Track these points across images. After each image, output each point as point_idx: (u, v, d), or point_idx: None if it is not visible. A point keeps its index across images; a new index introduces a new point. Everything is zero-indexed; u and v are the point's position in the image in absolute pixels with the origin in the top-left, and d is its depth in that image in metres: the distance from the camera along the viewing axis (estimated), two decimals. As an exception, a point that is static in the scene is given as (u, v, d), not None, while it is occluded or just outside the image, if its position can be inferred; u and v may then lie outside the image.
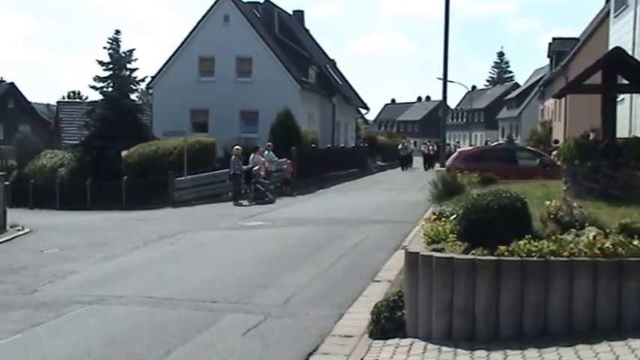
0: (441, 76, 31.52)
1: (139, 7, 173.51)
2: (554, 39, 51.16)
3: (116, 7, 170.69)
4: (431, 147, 52.45)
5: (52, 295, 11.18)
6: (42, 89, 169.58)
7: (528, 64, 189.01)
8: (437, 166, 35.01)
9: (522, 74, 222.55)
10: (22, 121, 71.10)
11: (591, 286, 6.69)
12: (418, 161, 53.51)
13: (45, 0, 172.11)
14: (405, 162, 51.02)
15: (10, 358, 8.01)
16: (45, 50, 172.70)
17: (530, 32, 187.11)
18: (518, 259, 6.83)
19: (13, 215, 23.56)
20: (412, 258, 7.43)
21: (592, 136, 16.17)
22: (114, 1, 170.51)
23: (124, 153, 36.77)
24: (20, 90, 77.62)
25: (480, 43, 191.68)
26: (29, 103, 78.06)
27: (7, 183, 27.81)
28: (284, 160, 31.07)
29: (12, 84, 77.81)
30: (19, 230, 20.85)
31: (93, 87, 43.21)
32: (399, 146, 53.56)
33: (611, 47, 19.06)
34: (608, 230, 7.48)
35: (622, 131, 17.82)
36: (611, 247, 6.84)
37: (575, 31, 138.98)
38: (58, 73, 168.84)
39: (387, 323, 7.52)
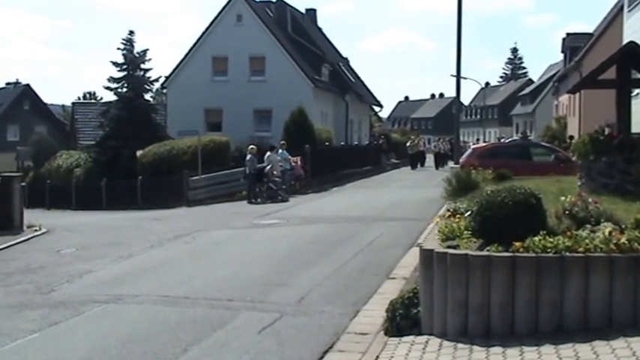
0: (455, 73, 31.54)
1: (152, 8, 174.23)
2: (568, 34, 50.93)
3: (130, 7, 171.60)
4: (442, 144, 50.19)
5: (68, 295, 11.26)
6: (57, 90, 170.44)
7: (542, 59, 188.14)
8: (450, 164, 34.93)
9: (536, 70, 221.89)
10: (37, 123, 71.45)
11: (607, 282, 6.66)
12: (431, 160, 52.30)
13: (59, 1, 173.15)
14: (415, 161, 46.96)
15: (28, 357, 8.07)
16: (60, 51, 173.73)
17: (544, 28, 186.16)
18: (534, 255, 6.81)
19: (30, 216, 23.70)
20: (427, 255, 7.43)
21: (607, 131, 16.07)
22: (128, 2, 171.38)
23: (138, 153, 36.95)
24: (35, 91, 78.04)
25: (493, 39, 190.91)
26: (45, 104, 78.43)
27: (23, 184, 28.00)
28: (296, 158, 31.05)
29: (27, 85, 78.18)
30: (35, 230, 20.97)
31: (107, 88, 43.47)
32: (408, 143, 49.55)
33: (625, 42, 18.91)
34: (623, 226, 7.45)
35: (637, 126, 17.66)
36: (626, 242, 6.80)
37: (590, 26, 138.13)
38: (73, 74, 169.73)
39: (402, 320, 7.52)
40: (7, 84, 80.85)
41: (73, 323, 9.41)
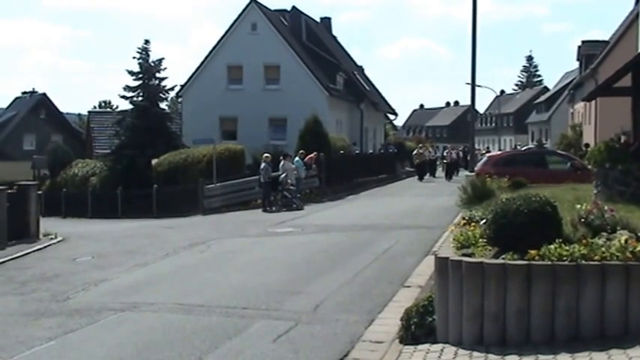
0: (470, 81, 31.50)
1: (168, 17, 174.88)
2: (583, 42, 50.75)
3: (146, 17, 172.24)
4: (454, 152, 46.96)
5: (84, 303, 11.31)
6: (73, 99, 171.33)
7: (557, 67, 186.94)
8: (465, 172, 34.73)
9: (551, 78, 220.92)
10: (53, 132, 71.79)
11: (623, 290, 6.63)
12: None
13: (76, 10, 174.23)
14: (422, 171, 42.49)
15: (44, 364, 8.13)
16: (76, 60, 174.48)
17: (561, 35, 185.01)
18: (549, 263, 6.79)
19: (46, 224, 23.82)
20: (442, 263, 7.42)
21: (623, 139, 16.01)
22: (144, 11, 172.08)
23: (154, 161, 37.11)
24: (52, 100, 78.46)
25: (509, 46, 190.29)
26: (61, 113, 78.73)
27: (39, 192, 28.14)
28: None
29: (44, 94, 78.57)
30: (51, 239, 21.07)
31: (123, 96, 43.64)
32: (414, 152, 44.97)
33: (641, 49, 18.86)
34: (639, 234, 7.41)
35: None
36: (643, 250, 6.77)
37: (607, 33, 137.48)
38: (89, 83, 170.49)
39: (417, 329, 7.52)
40: (24, 93, 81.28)
41: (88, 331, 9.45)
